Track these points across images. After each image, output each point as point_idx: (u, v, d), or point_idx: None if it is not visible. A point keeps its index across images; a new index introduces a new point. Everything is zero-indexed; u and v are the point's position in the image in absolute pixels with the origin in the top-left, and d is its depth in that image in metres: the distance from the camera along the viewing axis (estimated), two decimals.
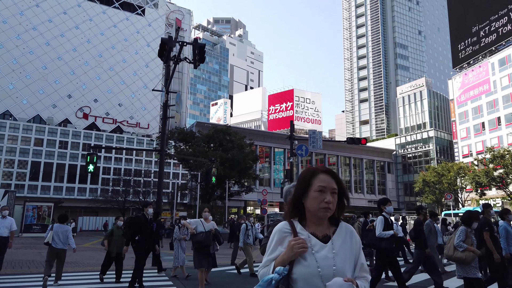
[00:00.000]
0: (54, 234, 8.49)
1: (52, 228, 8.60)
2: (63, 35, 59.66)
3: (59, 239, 8.48)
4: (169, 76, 12.27)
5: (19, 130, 52.54)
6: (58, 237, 8.49)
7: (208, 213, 7.87)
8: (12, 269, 11.46)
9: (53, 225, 8.69)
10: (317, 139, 19.47)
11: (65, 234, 8.56)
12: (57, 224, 8.63)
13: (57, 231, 8.50)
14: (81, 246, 21.14)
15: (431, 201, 56.67)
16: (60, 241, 8.48)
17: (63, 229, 8.56)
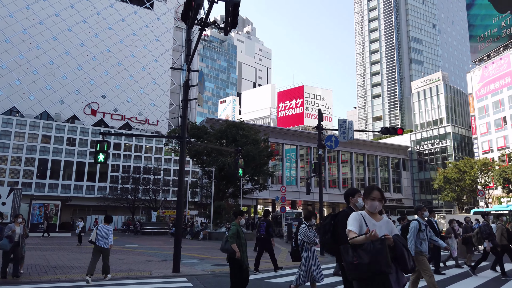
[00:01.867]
0: (98, 233, 9.40)
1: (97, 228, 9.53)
2: (71, 30, 58.27)
3: (102, 238, 9.36)
4: (190, 50, 10.49)
5: (26, 126, 51.27)
6: (101, 236, 9.37)
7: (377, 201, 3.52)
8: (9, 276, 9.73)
9: (98, 225, 9.60)
10: (348, 129, 17.58)
11: (106, 233, 9.40)
12: (101, 225, 9.56)
13: (100, 231, 9.42)
14: (90, 247, 19.46)
15: (451, 199, 54.49)
16: (103, 240, 9.36)
17: (105, 229, 9.45)
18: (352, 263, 3.12)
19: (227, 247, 6.76)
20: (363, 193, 3.46)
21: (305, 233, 7.21)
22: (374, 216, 3.48)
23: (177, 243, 9.87)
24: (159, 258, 14.29)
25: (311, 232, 7.34)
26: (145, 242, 24.42)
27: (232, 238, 6.70)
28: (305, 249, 7.13)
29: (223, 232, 26.89)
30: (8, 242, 9.20)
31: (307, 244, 7.15)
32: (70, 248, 18.24)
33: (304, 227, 7.36)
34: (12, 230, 9.35)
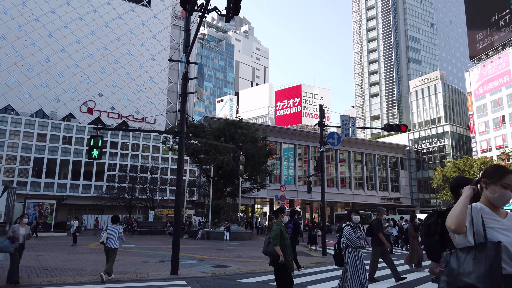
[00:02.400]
0: (108, 234, 9.43)
1: (107, 229, 9.54)
2: (67, 27, 57.57)
3: (112, 239, 9.42)
4: (188, 41, 10.03)
5: (21, 125, 50.55)
6: (111, 236, 9.44)
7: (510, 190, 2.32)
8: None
9: (108, 226, 9.62)
10: (351, 126, 17.16)
11: (116, 233, 9.50)
12: (111, 225, 9.60)
13: (110, 231, 9.48)
14: (85, 247, 18.98)
15: (450, 198, 54.28)
16: (113, 240, 9.41)
17: (115, 229, 9.53)
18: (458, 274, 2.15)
19: (270, 249, 6.00)
20: (487, 175, 2.36)
21: (349, 237, 6.23)
22: (497, 210, 2.33)
23: (176, 243, 9.43)
24: (157, 259, 13.83)
25: (357, 234, 6.32)
26: (142, 242, 23.92)
27: (275, 239, 5.91)
28: (350, 253, 6.20)
29: (221, 232, 26.46)
30: (10, 244, 8.52)
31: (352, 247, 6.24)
32: (64, 248, 17.74)
33: (348, 229, 6.32)
34: (13, 230, 8.73)
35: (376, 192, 69.29)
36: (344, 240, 6.31)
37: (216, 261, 13.23)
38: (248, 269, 10.90)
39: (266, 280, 9.33)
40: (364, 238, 6.47)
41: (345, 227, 6.45)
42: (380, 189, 70.17)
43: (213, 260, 13.38)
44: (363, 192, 68.11)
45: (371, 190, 69.20)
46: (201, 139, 10.91)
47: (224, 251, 17.46)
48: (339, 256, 6.39)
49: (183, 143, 9.97)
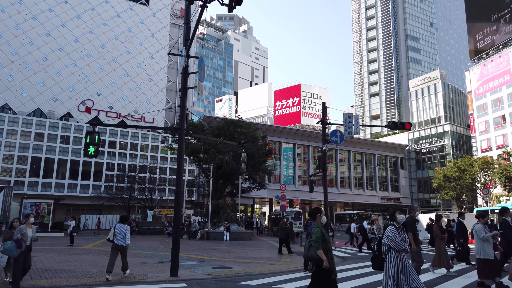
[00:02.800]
0: (116, 232, 9.77)
1: (115, 227, 9.90)
2: (64, 25, 57.05)
3: (121, 237, 9.71)
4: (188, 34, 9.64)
5: (18, 124, 50.03)
6: (119, 235, 9.73)
7: None
8: None
9: (116, 224, 9.98)
10: (354, 123, 16.78)
11: (124, 232, 9.75)
12: (119, 224, 9.92)
13: (118, 230, 9.79)
14: (82, 248, 18.56)
15: (451, 198, 53.98)
16: (121, 238, 9.69)
17: (122, 228, 9.81)
18: None
19: (311, 254, 5.44)
20: None
21: (393, 238, 5.62)
22: None
23: (175, 244, 9.04)
24: (156, 260, 13.43)
25: (401, 236, 5.66)
26: (140, 242, 23.52)
27: (317, 242, 5.40)
28: (392, 256, 5.60)
29: (221, 232, 26.07)
30: (16, 247, 7.86)
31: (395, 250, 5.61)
32: (61, 249, 17.32)
33: (392, 230, 5.70)
34: (22, 232, 8.02)
35: (376, 192, 69.03)
36: (386, 241, 5.69)
37: (217, 262, 12.84)
38: (251, 271, 10.51)
39: (271, 282, 8.94)
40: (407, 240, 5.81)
41: (388, 227, 5.81)
42: (380, 189, 69.92)
43: (214, 261, 12.99)
44: (362, 192, 67.83)
45: (370, 190, 68.93)
46: (201, 136, 10.60)
47: (224, 251, 17.07)
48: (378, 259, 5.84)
49: (183, 140, 9.59)
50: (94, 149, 9.28)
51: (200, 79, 9.82)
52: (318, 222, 5.78)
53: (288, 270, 10.74)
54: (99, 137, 9.63)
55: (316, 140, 63.48)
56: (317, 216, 5.85)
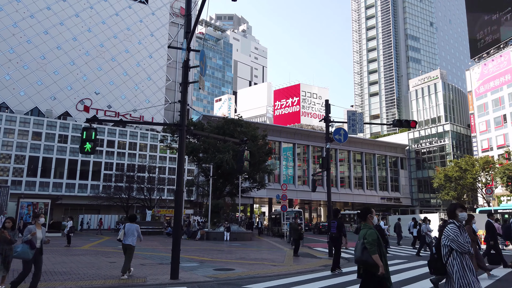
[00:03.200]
0: (126, 232, 9.73)
1: (124, 227, 9.87)
2: (63, 24, 56.56)
3: (129, 236, 9.69)
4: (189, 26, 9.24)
5: (16, 123, 49.51)
6: (128, 234, 9.71)
7: None
8: None
9: (125, 224, 9.96)
10: (358, 121, 16.40)
11: (133, 231, 9.76)
12: (128, 223, 9.91)
13: (128, 229, 9.75)
14: (79, 248, 18.13)
15: (451, 198, 53.62)
16: (130, 238, 9.68)
17: (132, 227, 9.78)
18: None
19: (366, 257, 4.87)
20: None
21: (455, 238, 4.91)
22: None
23: (176, 245, 8.63)
24: (155, 261, 13.01)
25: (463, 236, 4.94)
26: (139, 242, 23.04)
27: (373, 246, 4.85)
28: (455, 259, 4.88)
29: (221, 232, 25.66)
30: (29, 249, 7.28)
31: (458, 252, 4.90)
32: (57, 250, 16.89)
33: (453, 228, 4.98)
34: (32, 233, 7.45)
35: (376, 192, 68.71)
36: (447, 242, 4.99)
37: (218, 263, 12.43)
38: (254, 273, 10.10)
39: (275, 286, 8.54)
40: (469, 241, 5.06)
41: (448, 226, 5.09)
42: (380, 189, 69.59)
43: (215, 263, 12.58)
44: (362, 192, 67.49)
45: (370, 190, 68.59)
46: (203, 133, 10.21)
47: (225, 252, 16.66)
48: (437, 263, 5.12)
49: (184, 136, 9.18)
50: (91, 145, 8.87)
51: (202, 73, 9.41)
52: (369, 223, 5.25)
53: (293, 272, 10.33)
54: (96, 133, 9.21)
55: (316, 139, 63.10)
56: (367, 217, 5.31)
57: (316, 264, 12.55)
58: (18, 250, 7.23)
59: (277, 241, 26.14)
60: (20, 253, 7.24)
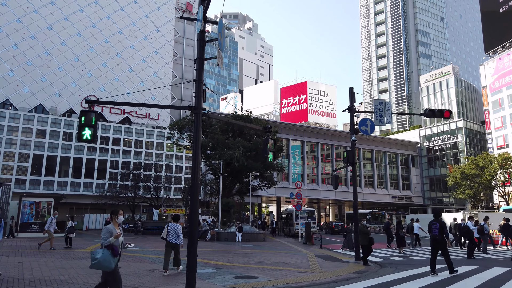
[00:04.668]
0: (169, 231, 10.41)
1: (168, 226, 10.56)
2: (67, 19, 55.43)
3: (173, 235, 10.32)
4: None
5: (19, 120, 48.49)
6: (172, 233, 10.36)
7: None
8: None
9: (169, 223, 10.64)
10: (386, 111, 14.89)
11: (176, 231, 10.37)
12: (171, 223, 10.56)
13: (171, 228, 10.42)
14: (82, 250, 16.78)
15: (467, 196, 51.81)
16: (174, 237, 10.29)
17: (175, 227, 10.42)
18: None
19: None
20: None
21: None
22: None
23: (192, 250, 7.22)
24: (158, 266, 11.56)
25: None
26: (146, 243, 21.73)
27: None
28: None
29: (233, 232, 24.22)
30: (111, 256, 5.62)
31: None
32: (58, 252, 15.54)
33: None
34: (115, 234, 5.75)
35: (387, 191, 66.98)
36: None
37: (237, 269, 10.97)
38: (282, 282, 8.64)
39: None
40: None
41: None
42: (391, 188, 67.83)
43: (233, 268, 11.13)
44: (373, 191, 65.77)
45: (381, 189, 66.87)
46: (222, 118, 8.85)
47: (240, 255, 15.21)
48: None
49: (201, 120, 7.76)
50: (91, 132, 7.46)
51: (220, 47, 7.98)
52: None
53: (327, 281, 8.85)
54: (97, 118, 7.79)
55: (325, 137, 61.55)
56: None
57: (347, 270, 11.07)
58: (97, 257, 5.55)
59: (291, 242, 24.66)
60: (101, 262, 5.52)
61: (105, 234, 5.75)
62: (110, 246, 5.65)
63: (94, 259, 5.54)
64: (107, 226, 5.90)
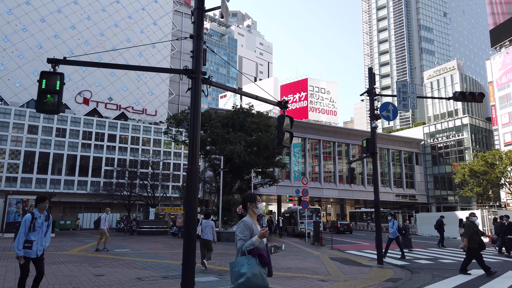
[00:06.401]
0: (202, 228, 11.01)
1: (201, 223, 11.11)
2: (60, 11, 53.47)
3: (206, 232, 10.99)
4: None
5: (10, 116, 46.50)
6: (205, 230, 11.02)
7: None
8: None
9: (202, 221, 11.23)
10: (410, 94, 13.07)
11: (209, 228, 11.09)
12: (204, 220, 11.25)
13: (204, 225, 11.07)
14: (65, 253, 14.89)
15: (474, 194, 50.10)
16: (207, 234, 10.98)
17: (208, 223, 11.15)
18: None
19: None
20: None
21: None
22: None
23: (189, 255, 5.40)
24: (157, 272, 9.73)
25: None
26: (140, 245, 19.87)
27: None
28: None
29: (233, 232, 22.39)
30: (260, 266, 3.65)
31: None
32: None
33: None
34: (260, 232, 3.73)
35: (391, 189, 65.22)
36: None
37: None
38: None
39: None
40: None
41: None
42: (395, 186, 66.09)
43: None
44: None
45: (385, 187, 65.10)
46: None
47: None
48: None
49: (200, 86, 5.94)
50: (53, 100, 5.64)
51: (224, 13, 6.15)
52: None
53: None
54: (63, 81, 5.94)
55: (327, 134, 59.85)
56: None
57: (375, 277, 9.23)
58: (244, 271, 3.53)
59: (297, 242, 22.83)
60: (251, 278, 3.53)
61: (244, 232, 3.79)
62: (255, 250, 3.69)
63: (240, 274, 3.54)
64: (244, 220, 3.86)
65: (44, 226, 5.98)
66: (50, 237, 6.20)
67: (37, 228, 5.80)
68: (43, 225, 5.97)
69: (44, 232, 5.97)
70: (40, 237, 5.88)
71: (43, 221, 5.99)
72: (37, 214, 5.93)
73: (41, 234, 5.89)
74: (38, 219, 5.86)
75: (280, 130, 7.18)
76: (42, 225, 5.93)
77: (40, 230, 5.87)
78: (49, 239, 6.16)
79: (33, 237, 5.74)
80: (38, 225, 5.85)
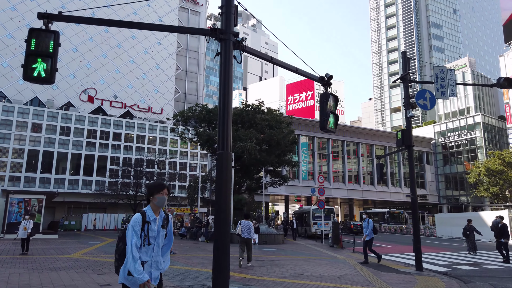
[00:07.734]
0: (242, 227, 11.68)
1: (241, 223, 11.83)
2: (64, 7, 52.45)
3: (246, 231, 11.57)
4: None
5: (13, 113, 45.50)
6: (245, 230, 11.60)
7: None
8: None
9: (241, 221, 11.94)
10: (449, 81, 11.70)
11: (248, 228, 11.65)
12: (244, 220, 11.89)
13: (244, 225, 11.71)
14: (67, 257, 13.64)
15: (490, 194, 48.53)
16: (247, 233, 11.57)
17: (247, 224, 11.77)
18: None
19: None
20: None
21: None
22: None
23: (221, 258, 4.10)
24: (171, 281, 8.43)
25: None
26: None
27: None
28: None
29: None
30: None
31: None
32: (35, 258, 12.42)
33: None
34: None
35: (401, 189, 63.65)
36: None
37: (271, 285, 7.81)
38: None
39: None
40: None
41: None
42: (405, 186, 64.55)
43: (266, 284, 7.96)
44: (387, 189, 62.47)
45: (395, 187, 63.57)
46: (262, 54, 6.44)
47: (267, 263, 12.03)
48: None
49: (231, 52, 4.70)
50: (45, 66, 4.39)
51: None
52: None
53: None
54: (57, 43, 4.68)
55: (336, 133, 58.60)
56: None
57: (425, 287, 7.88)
58: None
59: (314, 244, 21.50)
60: None
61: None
62: None
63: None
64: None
65: (161, 236, 3.53)
66: (169, 253, 3.72)
67: (151, 239, 3.41)
68: (160, 234, 3.51)
69: (160, 246, 3.54)
70: (156, 255, 3.47)
71: (159, 228, 3.51)
72: (150, 215, 3.48)
73: (156, 250, 3.47)
74: (152, 223, 3.44)
75: (323, 111, 5.91)
76: (158, 234, 3.48)
77: (155, 243, 3.45)
78: (168, 258, 3.68)
79: (144, 256, 3.36)
80: (153, 233, 3.43)
